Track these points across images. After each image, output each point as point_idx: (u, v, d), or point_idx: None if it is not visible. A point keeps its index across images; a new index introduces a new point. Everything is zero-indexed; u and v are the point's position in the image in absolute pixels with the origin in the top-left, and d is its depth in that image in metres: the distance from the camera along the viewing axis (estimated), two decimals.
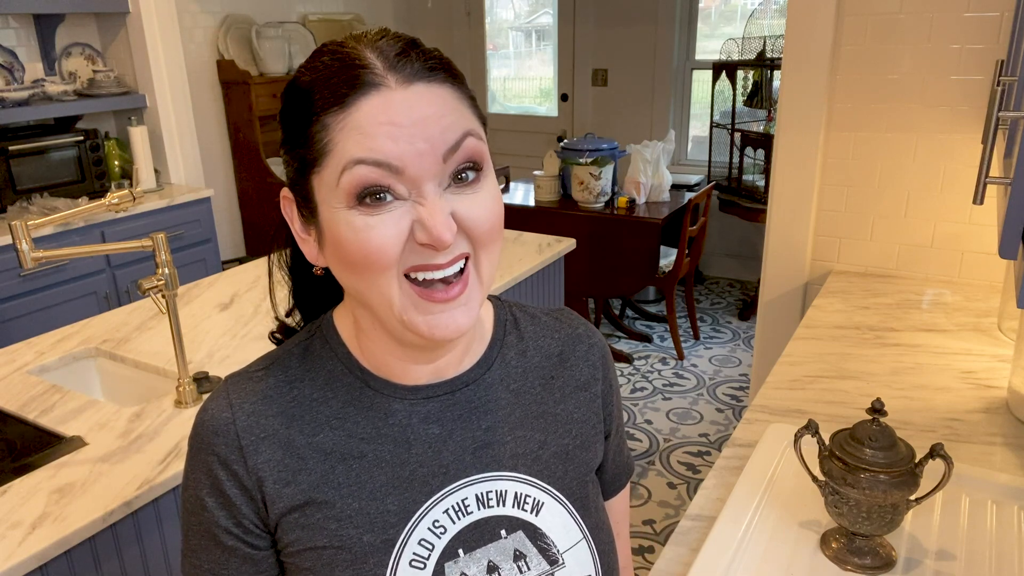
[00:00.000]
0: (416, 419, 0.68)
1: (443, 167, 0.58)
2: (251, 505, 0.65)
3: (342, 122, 0.57)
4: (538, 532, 0.68)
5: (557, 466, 0.71)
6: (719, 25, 4.75)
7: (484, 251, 0.62)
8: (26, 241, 1.36)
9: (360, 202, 0.58)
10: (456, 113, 0.59)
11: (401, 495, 0.66)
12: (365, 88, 0.57)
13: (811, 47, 2.05)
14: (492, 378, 0.71)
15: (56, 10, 2.99)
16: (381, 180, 0.57)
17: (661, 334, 4.00)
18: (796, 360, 1.64)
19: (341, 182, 0.58)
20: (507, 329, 0.75)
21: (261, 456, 0.65)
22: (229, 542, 0.66)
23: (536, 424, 0.72)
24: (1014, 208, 0.80)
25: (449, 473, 0.67)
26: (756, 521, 1.10)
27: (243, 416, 0.66)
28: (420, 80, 0.58)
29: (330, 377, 0.68)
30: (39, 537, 1.11)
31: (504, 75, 5.56)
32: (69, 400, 1.52)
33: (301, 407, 0.67)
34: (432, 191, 0.58)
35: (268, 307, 1.99)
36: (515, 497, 0.69)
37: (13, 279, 2.68)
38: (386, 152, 0.56)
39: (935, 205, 2.04)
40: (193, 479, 0.67)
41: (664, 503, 2.64)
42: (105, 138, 3.34)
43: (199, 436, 0.66)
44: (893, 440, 0.97)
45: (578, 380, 0.76)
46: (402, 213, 0.58)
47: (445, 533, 0.66)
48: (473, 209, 0.60)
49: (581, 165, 3.54)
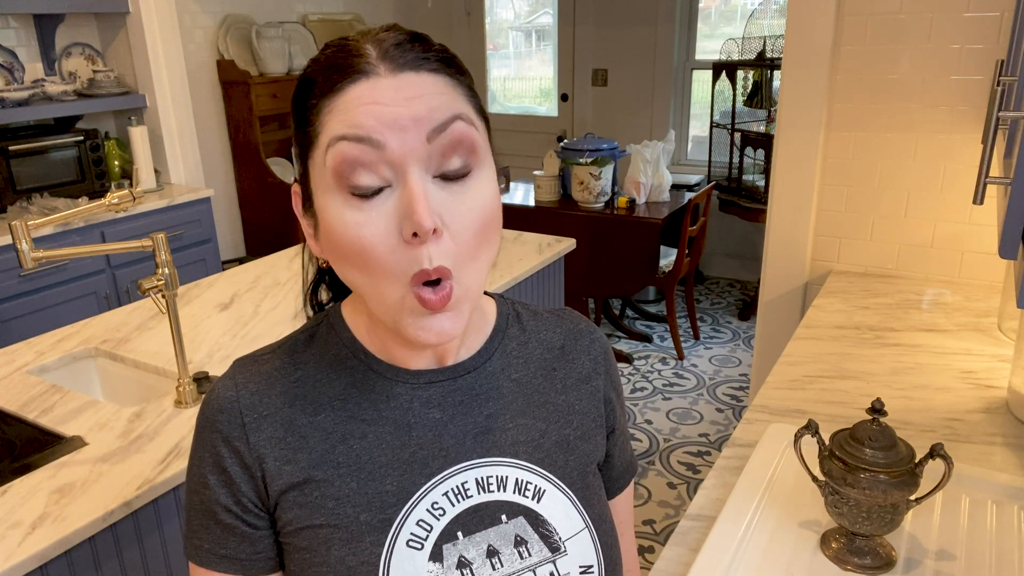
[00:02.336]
0: (417, 403, 0.68)
1: (428, 148, 0.58)
2: (251, 483, 0.66)
3: (332, 104, 0.59)
4: (540, 519, 0.68)
5: (558, 455, 0.72)
6: (719, 25, 4.75)
7: (467, 263, 0.60)
8: (26, 241, 1.36)
9: (347, 184, 0.58)
10: (446, 97, 0.59)
11: (400, 476, 0.66)
12: (356, 75, 0.58)
13: (811, 47, 2.05)
14: (494, 367, 0.72)
15: (56, 10, 2.99)
16: (363, 156, 0.57)
17: (661, 334, 4.00)
18: (796, 360, 1.64)
19: (327, 161, 0.58)
20: (509, 322, 0.75)
21: (263, 433, 0.66)
22: (228, 519, 0.66)
23: (537, 413, 0.72)
24: (1014, 208, 0.80)
25: (449, 456, 0.67)
26: (756, 521, 1.10)
27: (247, 395, 0.67)
28: (411, 69, 0.59)
29: (334, 360, 0.69)
30: (39, 537, 1.12)
31: (504, 75, 5.56)
32: (69, 400, 1.52)
33: (304, 387, 0.68)
34: (416, 175, 0.57)
35: (268, 307, 2.00)
36: (516, 483, 0.69)
37: (13, 279, 2.68)
38: (367, 127, 0.57)
39: (935, 205, 2.04)
40: (197, 457, 0.68)
41: (664, 503, 2.64)
42: (105, 138, 3.34)
43: (204, 415, 0.68)
44: (893, 440, 0.97)
45: (580, 373, 0.76)
46: (390, 206, 0.58)
47: (444, 515, 0.66)
48: (459, 210, 0.59)
49: (581, 165, 3.54)
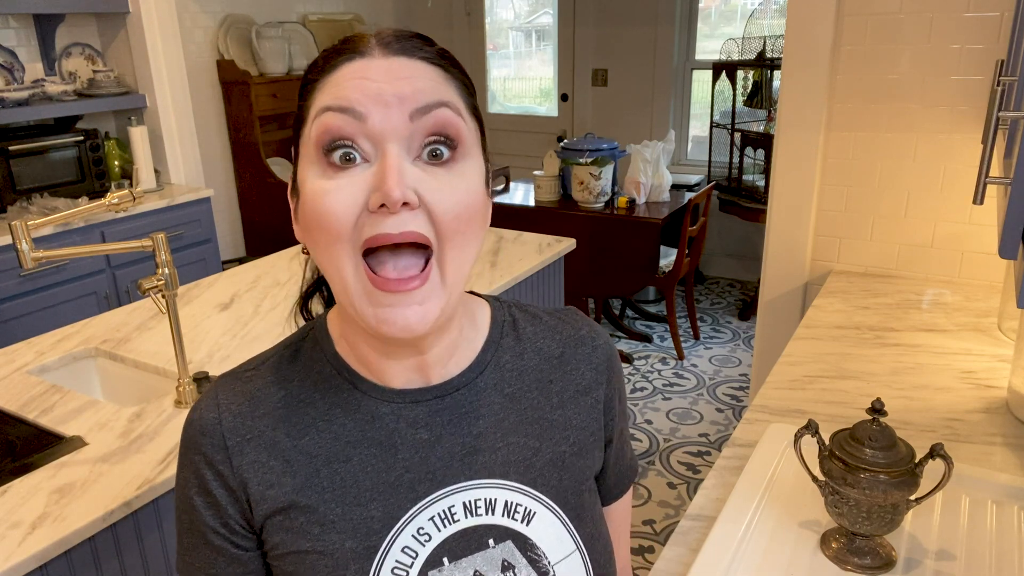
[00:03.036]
0: (404, 423, 0.66)
1: (411, 127, 0.57)
2: (236, 506, 0.65)
3: (324, 82, 0.60)
4: (528, 542, 0.66)
5: (551, 474, 0.69)
6: (719, 25, 4.75)
7: (449, 245, 0.58)
8: (26, 241, 1.36)
9: (327, 156, 0.58)
10: (435, 83, 0.59)
11: (385, 501, 0.64)
12: (351, 55, 0.60)
13: (811, 47, 2.05)
14: (485, 382, 0.69)
15: (56, 10, 2.99)
16: (345, 127, 0.57)
17: (661, 334, 4.00)
18: (796, 360, 1.64)
19: (312, 132, 0.59)
20: (504, 331, 0.72)
21: (246, 457, 0.65)
22: (217, 542, 0.66)
23: (530, 430, 0.70)
24: (1014, 208, 0.80)
25: (436, 479, 0.65)
26: (756, 521, 1.10)
27: (229, 417, 0.65)
28: (404, 55, 0.60)
29: (319, 378, 0.67)
30: (39, 537, 1.11)
31: (504, 75, 5.56)
32: (69, 400, 1.52)
33: (288, 408, 0.66)
34: (395, 151, 0.57)
35: (268, 307, 2.00)
36: (505, 506, 0.66)
37: (13, 279, 2.68)
38: (352, 100, 0.57)
39: (935, 205, 2.04)
40: (182, 478, 0.67)
41: (664, 503, 2.64)
42: (105, 138, 3.34)
43: (188, 436, 0.66)
44: (893, 440, 0.97)
45: (578, 384, 0.73)
46: (363, 179, 0.57)
47: (430, 541, 0.64)
48: (441, 191, 0.58)
49: (581, 165, 3.54)
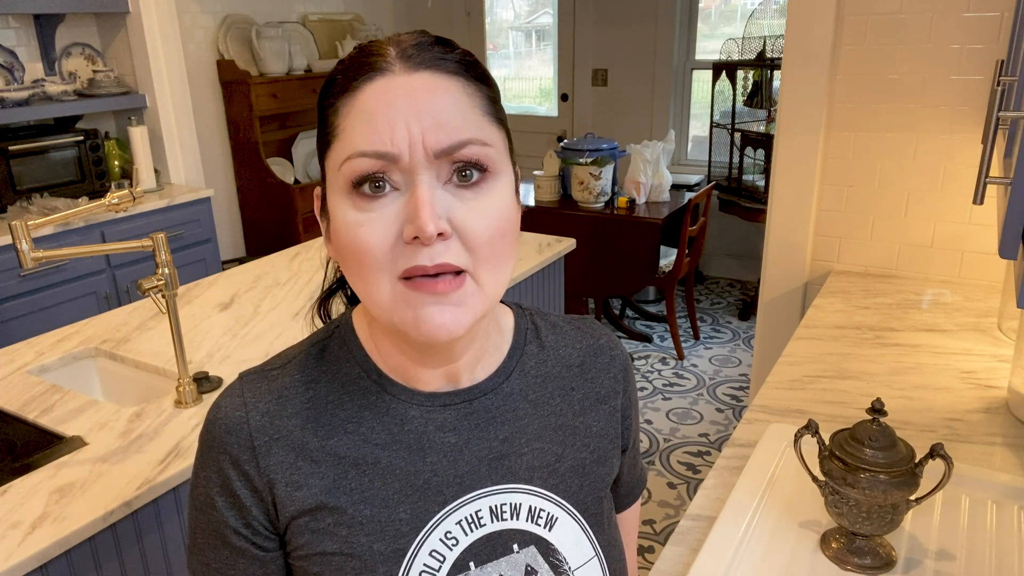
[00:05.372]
0: (432, 427, 0.66)
1: (436, 161, 0.57)
2: (261, 507, 0.64)
3: (349, 106, 0.58)
4: (551, 548, 0.67)
5: (573, 480, 0.70)
6: (719, 25, 4.75)
7: (484, 266, 0.59)
8: (26, 241, 1.36)
9: (357, 189, 0.58)
10: (459, 110, 0.58)
11: (414, 504, 0.65)
12: (371, 73, 0.58)
13: (811, 47, 2.05)
14: (511, 388, 0.70)
15: (56, 10, 2.99)
16: (376, 167, 0.57)
17: (661, 334, 4.00)
18: (796, 360, 1.64)
19: (343, 169, 0.58)
20: (527, 338, 0.73)
21: (273, 458, 0.64)
22: (238, 543, 0.65)
23: (554, 436, 0.70)
24: (1014, 208, 0.80)
25: (464, 483, 0.66)
26: (756, 521, 1.10)
27: (257, 416, 0.65)
28: (426, 68, 0.58)
29: (347, 380, 0.67)
30: (39, 537, 1.11)
31: (504, 75, 5.56)
32: (69, 400, 1.52)
33: (316, 409, 0.66)
34: (425, 181, 0.56)
35: (268, 307, 2.00)
36: (529, 511, 0.67)
37: (13, 279, 2.68)
38: (383, 140, 0.56)
39: (935, 205, 2.04)
40: (203, 477, 0.66)
41: (664, 503, 2.64)
42: (105, 138, 3.34)
43: (211, 434, 0.65)
44: (893, 440, 0.97)
45: (598, 393, 0.75)
46: (395, 209, 0.57)
47: (457, 545, 0.65)
48: (473, 215, 0.58)
49: (581, 165, 3.54)
